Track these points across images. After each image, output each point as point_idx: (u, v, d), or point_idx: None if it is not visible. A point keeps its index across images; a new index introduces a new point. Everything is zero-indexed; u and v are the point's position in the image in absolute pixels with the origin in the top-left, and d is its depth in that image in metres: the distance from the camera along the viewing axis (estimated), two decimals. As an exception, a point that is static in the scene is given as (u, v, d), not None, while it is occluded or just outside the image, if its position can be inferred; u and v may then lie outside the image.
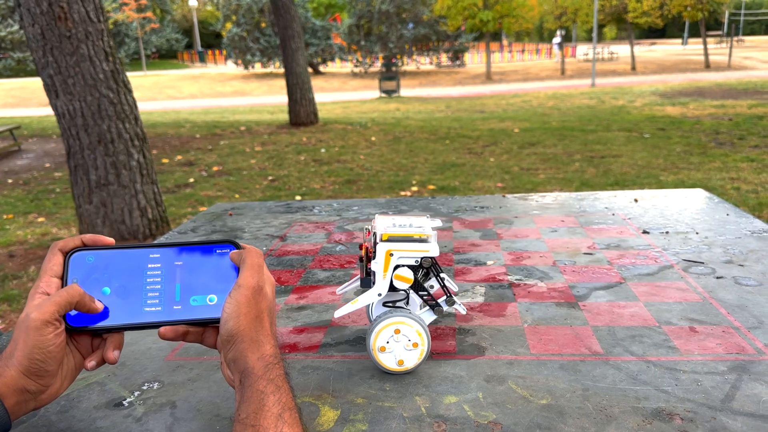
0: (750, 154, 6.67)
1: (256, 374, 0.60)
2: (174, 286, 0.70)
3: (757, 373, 0.79)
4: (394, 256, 0.81)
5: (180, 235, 1.52)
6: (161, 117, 13.52)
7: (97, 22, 4.02)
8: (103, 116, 4.12)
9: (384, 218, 0.87)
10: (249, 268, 0.67)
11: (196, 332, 0.70)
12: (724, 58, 24.58)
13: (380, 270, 0.81)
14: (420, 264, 0.81)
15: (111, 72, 4.13)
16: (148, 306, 0.69)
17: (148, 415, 0.75)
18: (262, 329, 0.64)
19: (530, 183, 5.81)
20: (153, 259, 0.72)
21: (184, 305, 0.70)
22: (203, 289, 0.70)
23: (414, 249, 0.81)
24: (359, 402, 0.76)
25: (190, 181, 6.64)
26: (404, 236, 0.81)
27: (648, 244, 1.29)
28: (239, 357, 0.62)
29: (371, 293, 0.82)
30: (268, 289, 0.68)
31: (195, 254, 0.72)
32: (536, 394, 0.76)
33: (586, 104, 12.64)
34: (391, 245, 0.81)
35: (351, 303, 0.83)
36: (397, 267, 0.81)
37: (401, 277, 0.81)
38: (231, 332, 0.63)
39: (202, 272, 0.71)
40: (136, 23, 32.62)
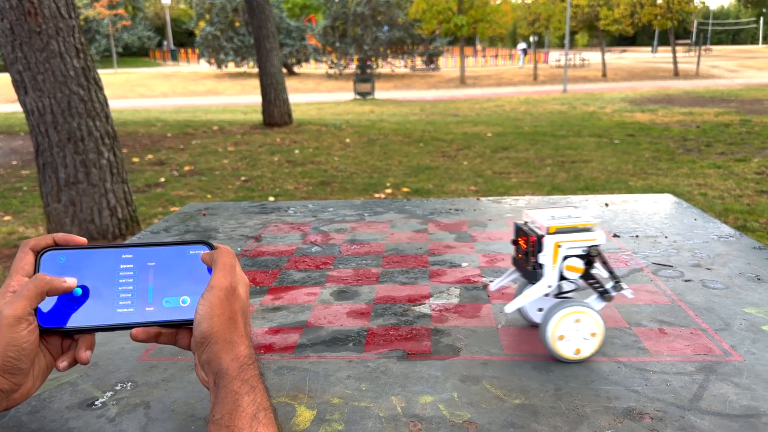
0: (716, 160, 6.83)
1: (231, 375, 0.60)
2: (146, 287, 0.70)
3: (724, 374, 0.81)
4: (562, 248, 0.83)
5: (152, 235, 1.51)
6: (132, 115, 13.33)
7: (68, 18, 3.95)
8: (74, 114, 4.05)
9: (538, 212, 0.88)
10: (221, 269, 0.66)
11: (169, 334, 0.69)
12: (693, 66, 25.14)
13: (549, 262, 0.83)
14: (588, 253, 0.83)
15: (82, 69, 4.06)
16: (120, 307, 0.69)
17: (121, 415, 0.75)
18: (236, 330, 0.64)
19: (503, 187, 5.87)
20: (125, 259, 0.71)
21: (156, 306, 0.69)
22: (176, 290, 0.70)
23: (582, 239, 0.83)
24: (335, 402, 0.76)
25: (161, 180, 6.56)
26: (571, 227, 0.83)
27: (618, 248, 1.32)
28: (213, 358, 0.62)
29: (541, 285, 0.84)
30: (241, 289, 0.67)
31: (168, 255, 0.71)
32: (510, 394, 0.77)
33: (558, 110, 12.81)
34: (559, 237, 0.82)
35: (521, 297, 0.85)
36: (566, 257, 0.83)
37: (572, 267, 0.83)
38: (204, 334, 0.63)
39: (175, 273, 0.70)
40: (108, 20, 32.12)
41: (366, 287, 1.15)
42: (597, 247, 0.84)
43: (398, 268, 1.25)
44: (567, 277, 0.84)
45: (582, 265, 0.83)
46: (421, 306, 1.06)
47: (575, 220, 0.84)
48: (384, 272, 1.23)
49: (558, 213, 0.87)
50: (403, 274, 1.21)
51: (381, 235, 1.48)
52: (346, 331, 0.96)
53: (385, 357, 0.88)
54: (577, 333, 0.83)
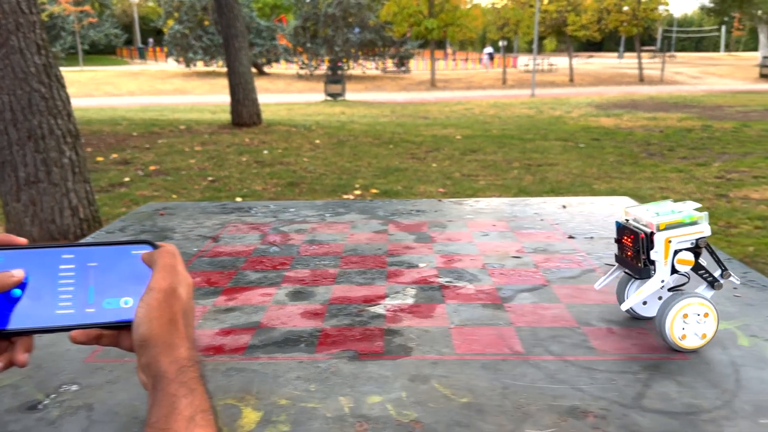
0: (678, 165, 6.98)
1: (169, 378, 0.59)
2: (87, 288, 0.68)
3: (668, 372, 0.83)
4: (672, 243, 0.85)
5: (108, 235, 1.48)
6: (97, 114, 13.08)
7: (29, 14, 3.86)
8: (34, 111, 3.96)
9: (639, 209, 0.90)
10: (161, 270, 0.65)
11: (110, 335, 0.68)
12: (657, 72, 25.66)
13: (661, 258, 0.86)
14: (696, 245, 0.86)
15: (43, 66, 3.97)
16: (59, 309, 0.67)
17: (63, 418, 0.73)
18: (176, 332, 0.63)
19: (471, 189, 5.91)
20: (66, 260, 0.69)
21: (97, 308, 0.67)
22: (117, 291, 0.68)
23: (690, 232, 0.86)
24: (283, 403, 0.76)
25: (126, 180, 6.44)
26: (679, 222, 0.86)
27: (573, 249, 1.34)
28: (152, 361, 0.61)
29: (654, 281, 0.87)
30: (182, 290, 0.66)
31: (110, 255, 0.70)
32: (458, 393, 0.78)
33: (526, 114, 12.96)
34: (668, 233, 0.85)
35: (636, 294, 0.88)
36: (677, 252, 0.85)
37: (684, 260, 0.86)
38: (143, 337, 0.62)
39: (116, 274, 0.69)
40: (73, 16, 31.48)
41: (322, 288, 1.15)
42: (704, 239, 0.87)
43: (356, 269, 1.24)
44: (679, 270, 0.87)
45: (692, 257, 0.87)
46: (376, 306, 1.06)
47: (680, 215, 0.87)
48: (341, 273, 1.22)
49: (660, 209, 0.90)
50: (360, 275, 1.21)
51: (341, 236, 1.48)
52: (299, 331, 0.96)
53: (336, 357, 0.87)
54: (697, 325, 0.86)
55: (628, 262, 0.91)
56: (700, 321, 0.86)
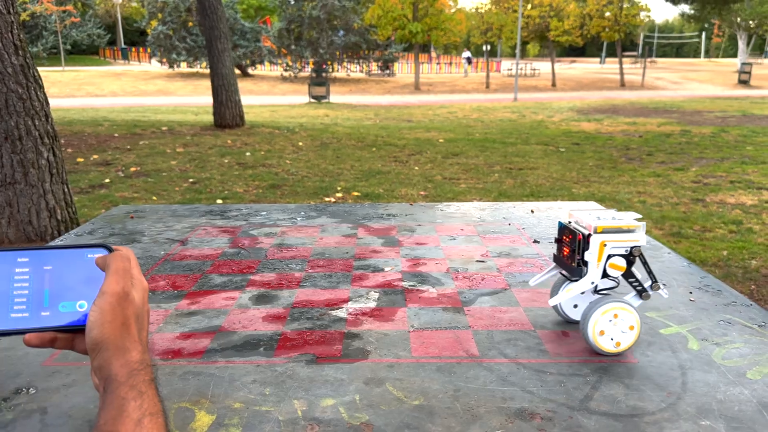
0: (657, 169, 7.06)
1: (119, 381, 0.60)
2: (42, 291, 0.69)
3: (616, 375, 0.85)
4: (607, 247, 0.88)
5: (77, 238, 1.48)
6: (79, 114, 12.96)
7: (6, 14, 3.83)
8: (11, 112, 3.92)
9: (583, 212, 0.92)
10: (114, 274, 0.66)
11: (65, 339, 0.68)
12: (638, 77, 25.95)
13: (594, 260, 0.88)
14: (630, 253, 0.88)
15: (21, 66, 3.94)
16: (14, 312, 0.67)
17: (15, 421, 0.73)
18: (128, 336, 0.64)
19: (452, 192, 5.94)
20: (21, 263, 0.69)
21: (52, 311, 0.68)
22: (73, 295, 0.69)
23: (626, 239, 0.88)
24: (236, 407, 0.77)
25: (106, 181, 6.40)
26: (616, 228, 0.88)
27: (536, 253, 1.36)
28: (104, 365, 0.62)
29: (585, 282, 0.89)
30: (135, 294, 0.67)
31: (65, 258, 0.70)
32: (410, 396, 0.79)
33: (508, 118, 13.04)
34: (604, 236, 0.87)
35: (564, 291, 0.91)
36: (610, 256, 0.88)
37: (615, 265, 0.88)
38: (95, 340, 0.62)
39: (72, 277, 0.70)
40: (56, 16, 31.16)
41: (286, 291, 1.16)
42: (639, 247, 0.89)
43: (322, 273, 1.26)
44: (610, 274, 0.90)
45: (624, 263, 0.89)
46: (338, 310, 1.07)
47: (620, 221, 0.89)
48: (307, 276, 1.24)
49: (603, 214, 0.92)
50: (325, 279, 1.22)
51: (310, 240, 1.49)
52: (259, 335, 0.97)
53: (294, 361, 0.88)
54: (616, 327, 0.88)
55: (564, 261, 0.94)
56: (616, 322, 0.88)
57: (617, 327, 0.88)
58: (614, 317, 0.88)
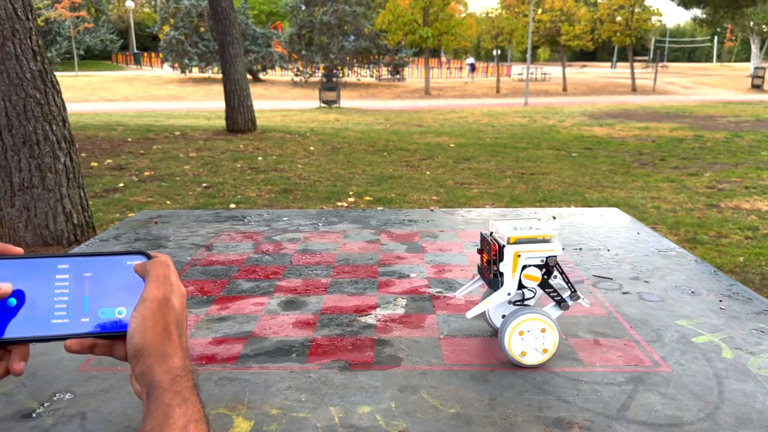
0: (670, 174, 7.03)
1: (162, 387, 0.60)
2: (82, 298, 0.69)
3: (652, 384, 0.85)
4: (521, 257, 0.87)
5: (102, 243, 1.49)
6: (92, 119, 13.06)
7: (25, 20, 3.87)
8: (29, 117, 3.96)
9: (502, 223, 0.92)
10: (154, 280, 0.66)
11: (104, 345, 0.69)
12: (650, 82, 25.84)
13: (509, 271, 0.87)
14: (546, 263, 0.87)
15: (39, 72, 3.98)
16: (55, 318, 0.68)
17: (56, 426, 0.74)
18: (169, 342, 0.64)
19: (464, 197, 5.93)
20: (61, 269, 0.70)
21: (92, 317, 0.69)
22: (112, 301, 0.69)
23: (540, 250, 0.87)
24: (274, 413, 0.77)
25: (120, 185, 6.44)
26: (530, 238, 0.87)
27: (561, 260, 1.35)
28: (146, 371, 0.62)
29: (501, 293, 0.88)
30: (175, 300, 0.67)
31: (104, 265, 0.71)
32: (446, 404, 0.79)
33: (519, 122, 13.02)
34: (518, 247, 0.87)
35: (482, 303, 0.89)
36: (525, 267, 0.87)
37: (530, 276, 0.87)
38: (137, 347, 0.63)
39: (111, 284, 0.70)
40: (69, 22, 31.46)
41: (314, 297, 1.16)
42: (554, 257, 0.88)
43: (347, 279, 1.26)
44: (525, 285, 0.88)
45: (539, 274, 0.88)
46: (367, 316, 1.07)
47: (535, 231, 0.89)
48: (333, 282, 1.24)
49: (520, 224, 0.91)
50: (351, 285, 1.22)
51: (333, 246, 1.49)
52: (291, 341, 0.97)
53: (327, 367, 0.89)
54: (535, 341, 0.88)
55: (484, 272, 0.93)
56: (538, 336, 0.87)
57: (534, 339, 0.87)
58: (541, 331, 0.87)
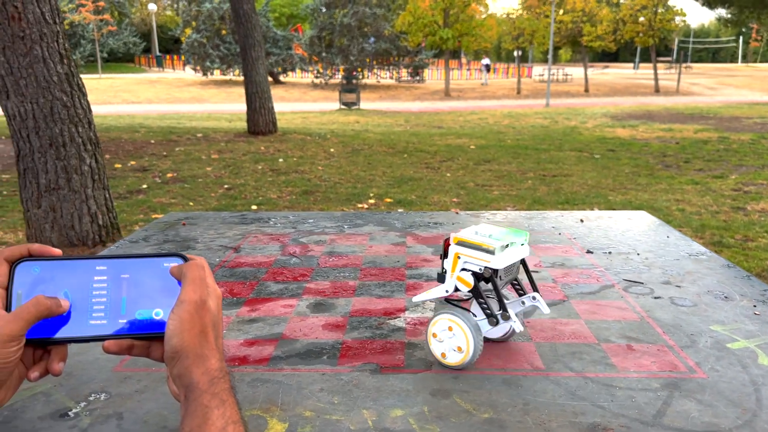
0: (695, 177, 6.93)
1: (201, 389, 0.61)
2: (120, 299, 0.70)
3: (688, 390, 0.83)
4: (460, 260, 0.88)
5: (131, 244, 1.51)
6: (115, 121, 13.24)
7: (52, 24, 3.94)
8: (56, 119, 4.02)
9: (478, 225, 0.92)
10: (190, 283, 0.67)
11: (141, 346, 0.70)
12: (673, 83, 25.53)
13: (449, 269, 0.89)
14: (482, 272, 0.86)
15: (65, 75, 4.04)
16: (93, 319, 0.69)
17: (94, 426, 0.75)
18: (206, 344, 0.65)
19: (484, 199, 5.91)
20: (99, 271, 0.71)
21: (129, 319, 0.70)
22: (149, 303, 0.70)
23: (478, 257, 0.86)
24: (307, 415, 0.77)
25: (143, 187, 6.52)
26: (472, 243, 0.87)
27: (591, 264, 1.34)
28: (184, 373, 0.63)
29: (440, 288, 0.90)
30: (211, 302, 0.68)
31: (142, 267, 0.72)
32: (479, 408, 0.79)
33: (540, 124, 12.94)
34: (459, 249, 0.87)
35: (425, 292, 0.92)
36: (462, 270, 0.88)
37: (462, 279, 0.87)
38: (175, 349, 0.63)
39: (148, 285, 0.71)
40: (93, 25, 31.93)
41: (342, 300, 1.16)
42: (490, 269, 0.85)
43: (375, 281, 1.26)
44: (458, 288, 0.88)
45: (472, 281, 0.87)
46: (396, 319, 1.07)
47: (480, 238, 0.87)
48: (361, 285, 1.24)
49: (485, 230, 0.90)
50: (379, 287, 1.23)
51: (359, 248, 1.49)
52: (321, 343, 0.97)
53: (358, 370, 0.89)
54: (449, 340, 0.88)
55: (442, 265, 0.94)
56: (450, 336, 0.87)
57: (448, 339, 0.88)
58: (448, 330, 0.87)
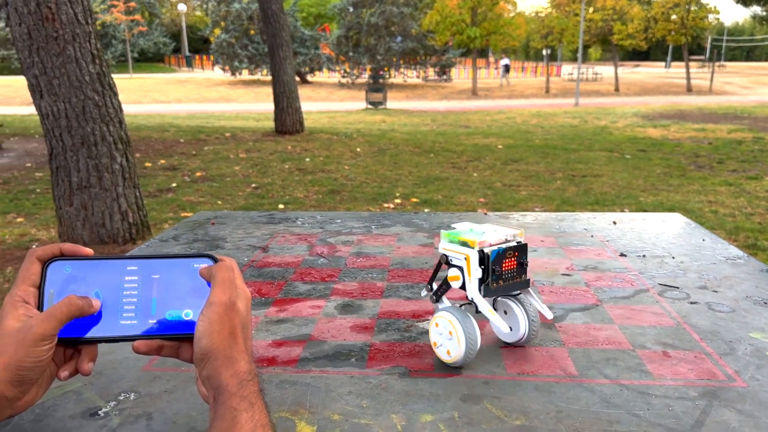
0: (728, 178, 6.79)
1: (230, 391, 0.60)
2: (150, 300, 0.70)
3: (727, 400, 0.81)
4: (448, 256, 0.89)
5: (161, 243, 1.52)
6: (146, 120, 13.44)
7: (85, 24, 4.00)
8: (88, 118, 4.09)
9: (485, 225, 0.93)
10: (220, 284, 0.67)
11: (171, 346, 0.70)
12: (706, 82, 25.04)
13: None
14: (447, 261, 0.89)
15: (97, 74, 4.11)
16: (123, 319, 0.69)
17: (123, 426, 0.75)
18: (236, 346, 0.64)
19: (512, 199, 5.86)
20: (130, 271, 0.71)
21: (159, 319, 0.69)
22: (179, 304, 0.70)
23: (461, 252, 0.87)
24: (336, 418, 0.76)
25: (173, 185, 6.60)
26: (458, 239, 0.88)
27: (625, 267, 1.31)
28: (213, 374, 0.62)
29: None
30: (241, 304, 0.67)
31: (172, 267, 0.72)
32: (511, 415, 0.77)
33: (569, 123, 12.79)
34: (447, 245, 0.89)
35: None
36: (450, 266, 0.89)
37: (453, 277, 0.89)
38: (204, 350, 0.63)
39: (178, 286, 0.71)
40: (124, 25, 32.48)
41: (370, 301, 1.15)
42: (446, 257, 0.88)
43: (403, 283, 1.25)
44: (450, 284, 0.89)
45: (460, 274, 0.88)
46: (425, 322, 1.06)
47: (466, 234, 0.88)
48: (389, 286, 1.23)
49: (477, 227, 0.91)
50: (407, 289, 1.21)
51: (387, 249, 1.48)
52: (349, 345, 0.97)
53: (387, 373, 0.88)
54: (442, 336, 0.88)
55: None
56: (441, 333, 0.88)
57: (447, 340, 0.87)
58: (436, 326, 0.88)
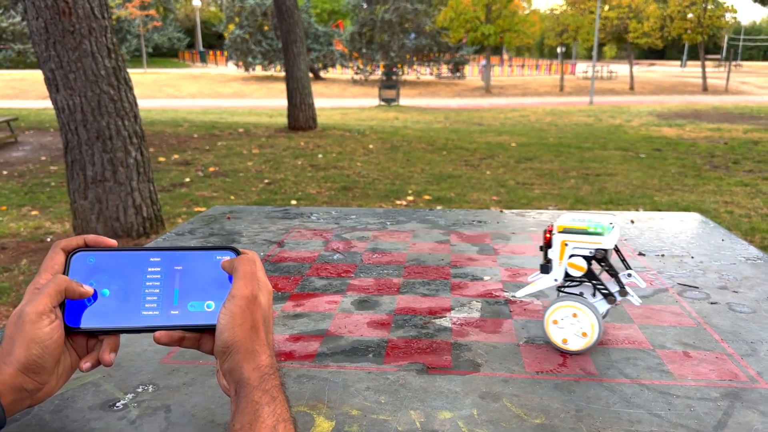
0: (744, 178, 6.72)
1: (252, 385, 0.60)
2: (172, 291, 0.70)
3: (749, 401, 0.80)
4: (568, 246, 0.90)
5: (177, 237, 1.52)
6: (160, 115, 13.51)
7: (101, 19, 4.03)
8: (103, 113, 4.12)
9: (568, 213, 0.96)
10: (242, 277, 0.66)
11: (192, 338, 0.70)
12: (722, 81, 24.79)
13: (556, 258, 0.91)
14: (594, 255, 0.89)
15: (113, 69, 4.13)
16: (145, 310, 0.69)
17: (142, 417, 0.75)
18: (257, 339, 0.64)
19: (525, 197, 5.83)
20: (153, 262, 0.71)
21: (181, 310, 0.70)
22: (201, 295, 0.70)
23: (588, 241, 0.89)
24: (354, 414, 0.76)
25: (186, 180, 6.63)
26: (578, 229, 0.89)
27: (643, 267, 1.30)
28: (235, 368, 0.62)
29: (548, 278, 0.93)
30: (262, 297, 0.67)
31: (195, 259, 0.72)
32: (530, 413, 0.76)
33: (584, 122, 12.71)
34: (565, 236, 0.90)
35: (530, 285, 0.94)
36: (571, 256, 0.90)
37: (575, 265, 0.89)
38: (226, 343, 0.63)
39: (201, 278, 0.71)
40: (139, 20, 32.64)
41: (387, 297, 1.15)
42: (603, 251, 0.89)
43: (419, 279, 1.24)
44: (571, 274, 0.90)
45: (585, 264, 0.89)
46: (442, 319, 1.05)
47: (584, 223, 0.90)
48: (405, 283, 1.22)
49: (581, 216, 0.94)
50: (424, 286, 1.21)
51: (403, 245, 1.48)
52: (366, 341, 0.96)
53: (404, 370, 0.87)
54: (572, 327, 0.89)
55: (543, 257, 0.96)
56: (574, 322, 0.89)
57: (573, 327, 0.89)
58: (573, 316, 0.89)
